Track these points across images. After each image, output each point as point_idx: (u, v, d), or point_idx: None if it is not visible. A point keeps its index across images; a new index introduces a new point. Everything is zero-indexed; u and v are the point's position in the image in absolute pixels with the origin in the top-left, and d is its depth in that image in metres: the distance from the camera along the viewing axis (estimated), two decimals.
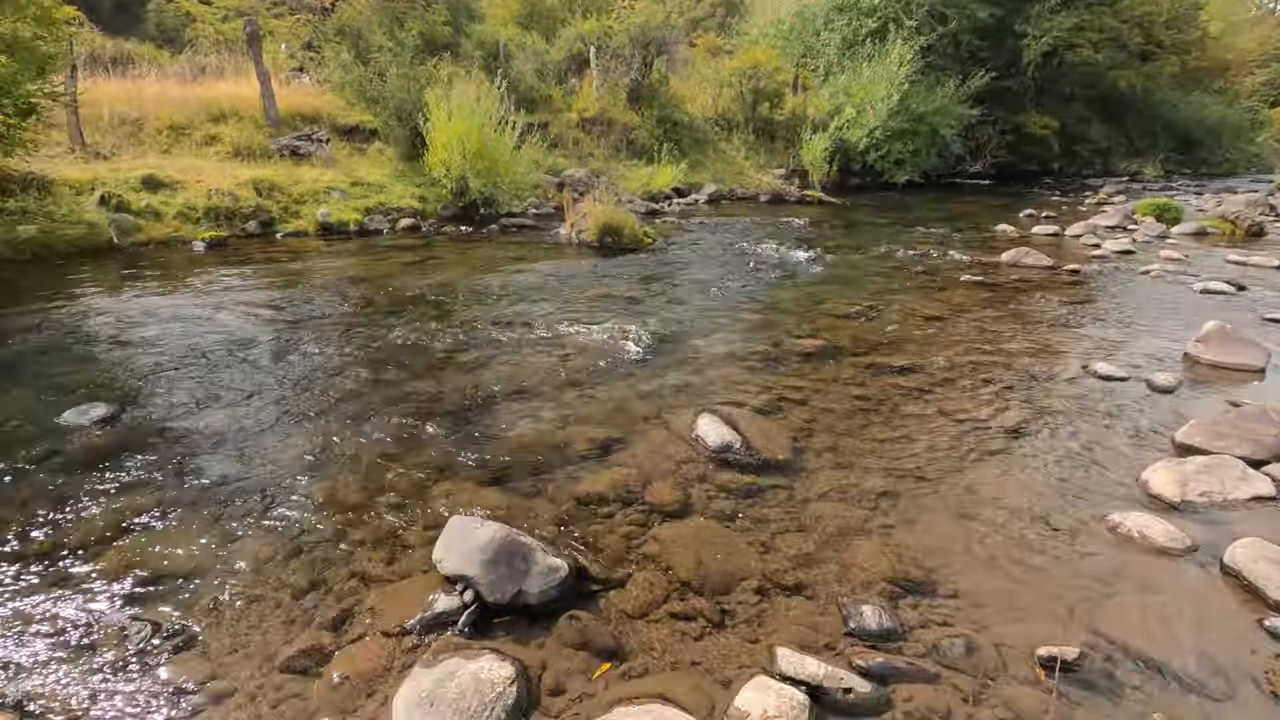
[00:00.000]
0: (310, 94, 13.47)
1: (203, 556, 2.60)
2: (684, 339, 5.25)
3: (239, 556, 2.60)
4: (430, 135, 10.36)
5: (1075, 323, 5.87)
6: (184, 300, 5.96)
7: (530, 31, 18.04)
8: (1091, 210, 13.48)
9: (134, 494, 2.99)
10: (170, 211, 8.80)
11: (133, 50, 15.80)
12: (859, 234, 10.61)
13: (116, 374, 4.33)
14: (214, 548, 2.65)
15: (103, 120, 10.66)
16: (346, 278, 7.01)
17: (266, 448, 3.43)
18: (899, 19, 17.83)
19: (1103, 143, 23.17)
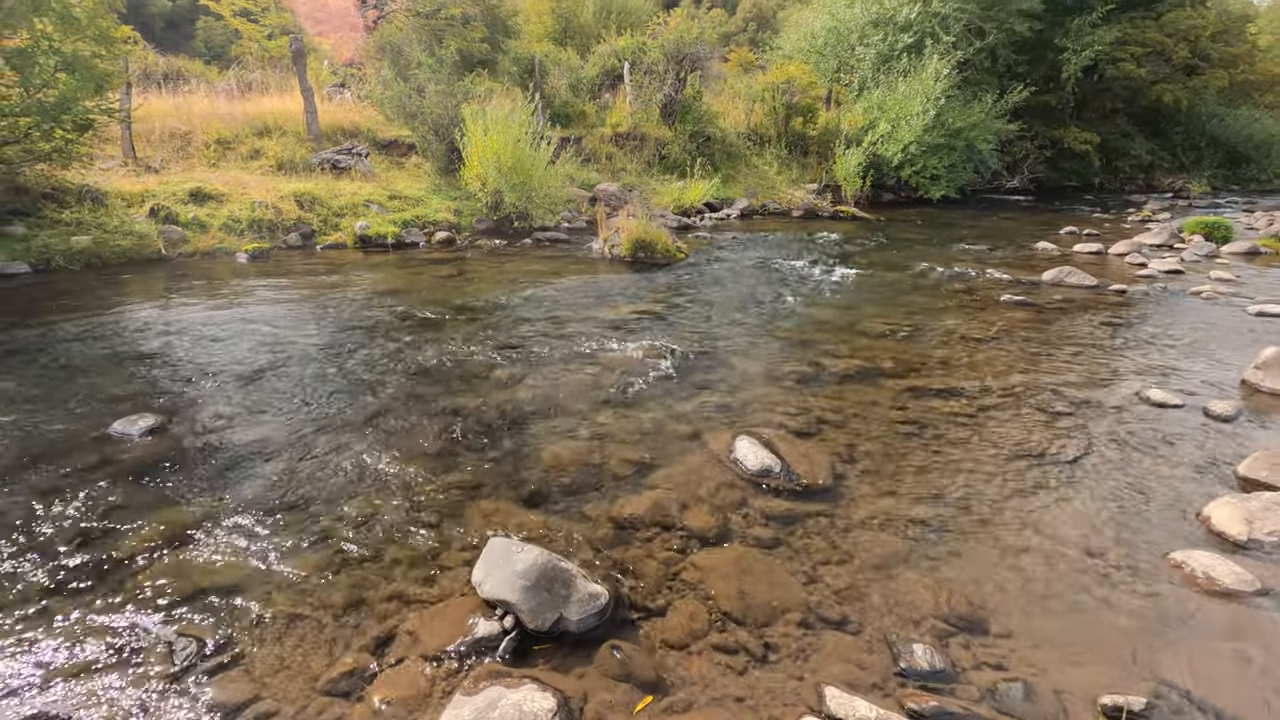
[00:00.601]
0: (351, 109, 13.80)
1: (246, 572, 2.62)
2: (718, 357, 5.20)
3: (281, 573, 2.62)
4: (466, 150, 10.52)
5: (1124, 346, 5.69)
6: (227, 311, 6.10)
7: (565, 48, 18.27)
8: (1135, 228, 13.13)
9: (179, 507, 3.04)
10: (216, 223, 9.05)
11: (183, 67, 16.38)
12: (894, 251, 10.47)
13: (163, 384, 4.43)
14: (256, 563, 2.67)
15: (154, 134, 11.03)
16: (383, 290, 7.11)
17: (306, 462, 3.47)
18: (935, 34, 17.65)
19: (1146, 158, 22.60)
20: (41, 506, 3.00)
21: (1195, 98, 22.06)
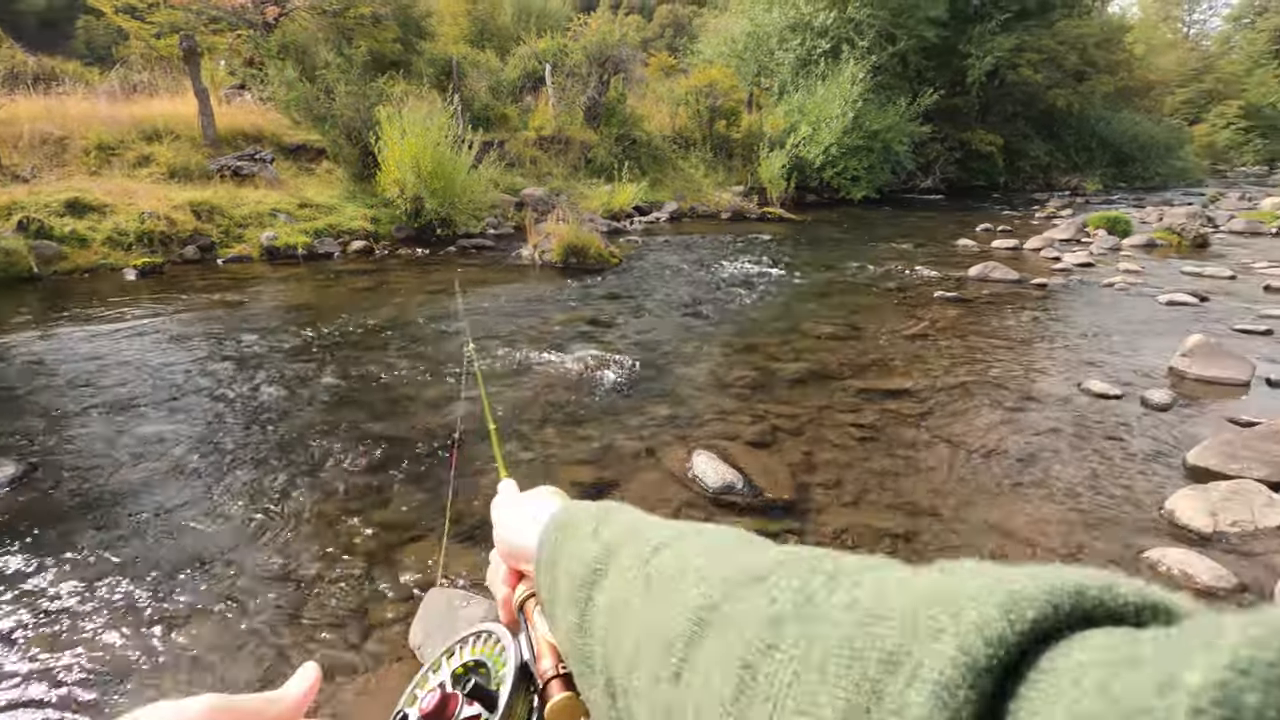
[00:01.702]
0: (253, 112, 12.87)
1: (125, 652, 2.17)
2: (664, 365, 4.97)
3: (175, 647, 2.18)
4: (383, 154, 9.93)
5: (1055, 338, 5.82)
6: (111, 336, 5.41)
7: (483, 50, 17.75)
8: (1043, 224, 13.81)
9: (44, 574, 2.54)
10: (98, 237, 8.15)
11: (57, 67, 14.91)
12: (824, 251, 10.57)
13: (30, 425, 3.82)
14: (142, 637, 2.22)
15: (22, 140, 9.89)
16: (295, 306, 6.53)
17: (205, 509, 3.00)
18: (851, 39, 18.15)
19: (1044, 158, 24.02)
20: None
21: (1085, 102, 23.61)
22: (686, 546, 0.38)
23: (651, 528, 0.42)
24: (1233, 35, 47.80)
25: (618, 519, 0.45)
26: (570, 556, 0.44)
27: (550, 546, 0.47)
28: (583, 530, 0.45)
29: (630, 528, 0.43)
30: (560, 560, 0.45)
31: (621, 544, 0.41)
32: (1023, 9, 21.38)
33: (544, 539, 0.48)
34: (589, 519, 0.46)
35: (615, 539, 0.42)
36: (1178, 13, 51.36)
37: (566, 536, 0.46)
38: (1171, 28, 49.64)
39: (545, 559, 0.47)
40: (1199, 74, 40.19)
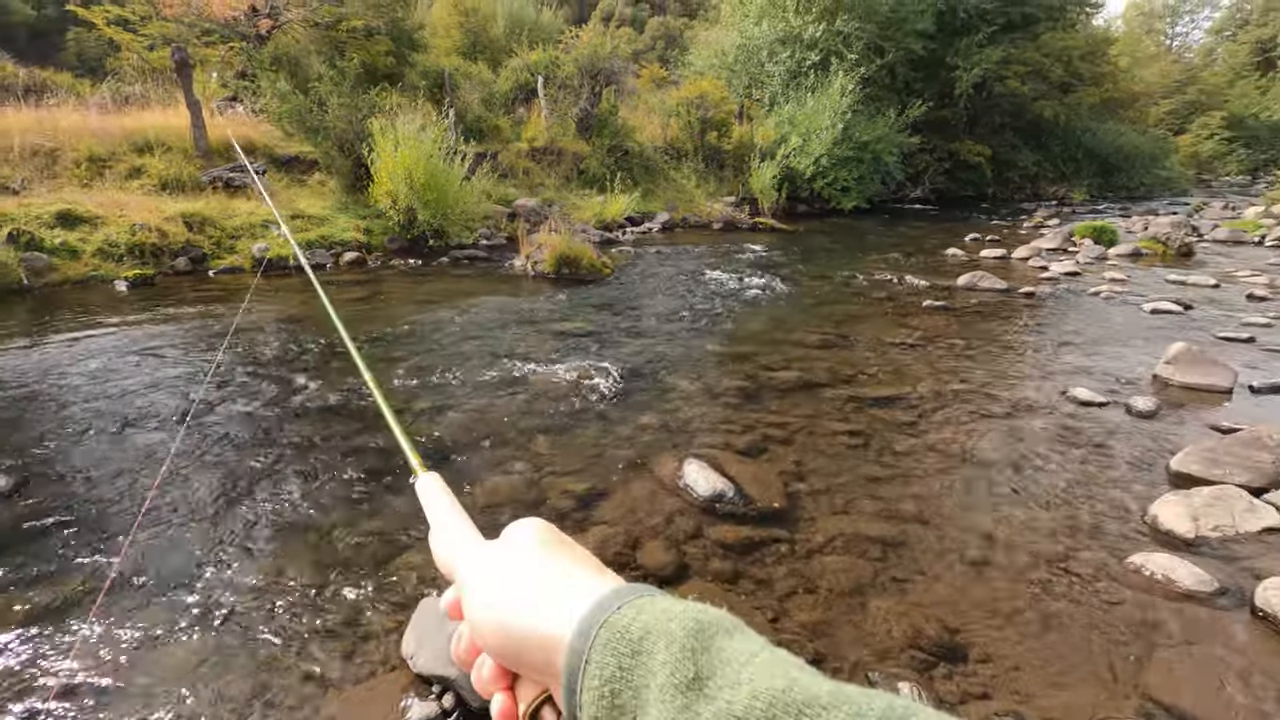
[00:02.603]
0: (245, 124, 12.88)
1: (120, 665, 2.17)
2: (655, 375, 5.00)
3: (166, 662, 2.18)
4: (375, 166, 9.96)
5: (1041, 346, 5.89)
6: (102, 348, 5.40)
7: (476, 62, 17.85)
8: (1031, 233, 13.97)
9: (34, 588, 2.53)
10: (89, 249, 8.13)
11: (48, 79, 14.91)
12: (815, 260, 10.65)
13: (20, 439, 3.80)
14: (135, 653, 2.23)
15: (12, 152, 9.87)
16: (286, 318, 6.53)
17: (196, 523, 3.00)
18: (840, 52, 18.36)
19: (1032, 169, 24.30)
20: None
21: (1071, 113, 23.94)
22: None
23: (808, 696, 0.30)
24: (1215, 48, 48.65)
25: (729, 656, 0.33)
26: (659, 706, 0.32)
27: (608, 669, 0.34)
28: (676, 669, 0.32)
29: (770, 693, 0.30)
30: (633, 704, 0.33)
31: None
32: (1008, 22, 21.69)
33: (594, 650, 0.35)
34: (681, 642, 0.33)
35: (744, 707, 0.30)
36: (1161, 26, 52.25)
37: (643, 665, 0.34)
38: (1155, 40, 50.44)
39: (597, 682, 0.34)
40: (1182, 85, 40.83)
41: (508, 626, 0.41)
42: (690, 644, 0.33)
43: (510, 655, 0.41)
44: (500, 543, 0.47)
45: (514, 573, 0.43)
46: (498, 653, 0.42)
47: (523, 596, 0.41)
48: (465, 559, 0.49)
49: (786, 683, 0.30)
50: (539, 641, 0.39)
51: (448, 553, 0.52)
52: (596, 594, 0.38)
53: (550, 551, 0.44)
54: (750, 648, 0.33)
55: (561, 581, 0.41)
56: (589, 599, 0.38)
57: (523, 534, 0.46)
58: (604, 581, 0.41)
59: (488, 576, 0.44)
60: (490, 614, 0.42)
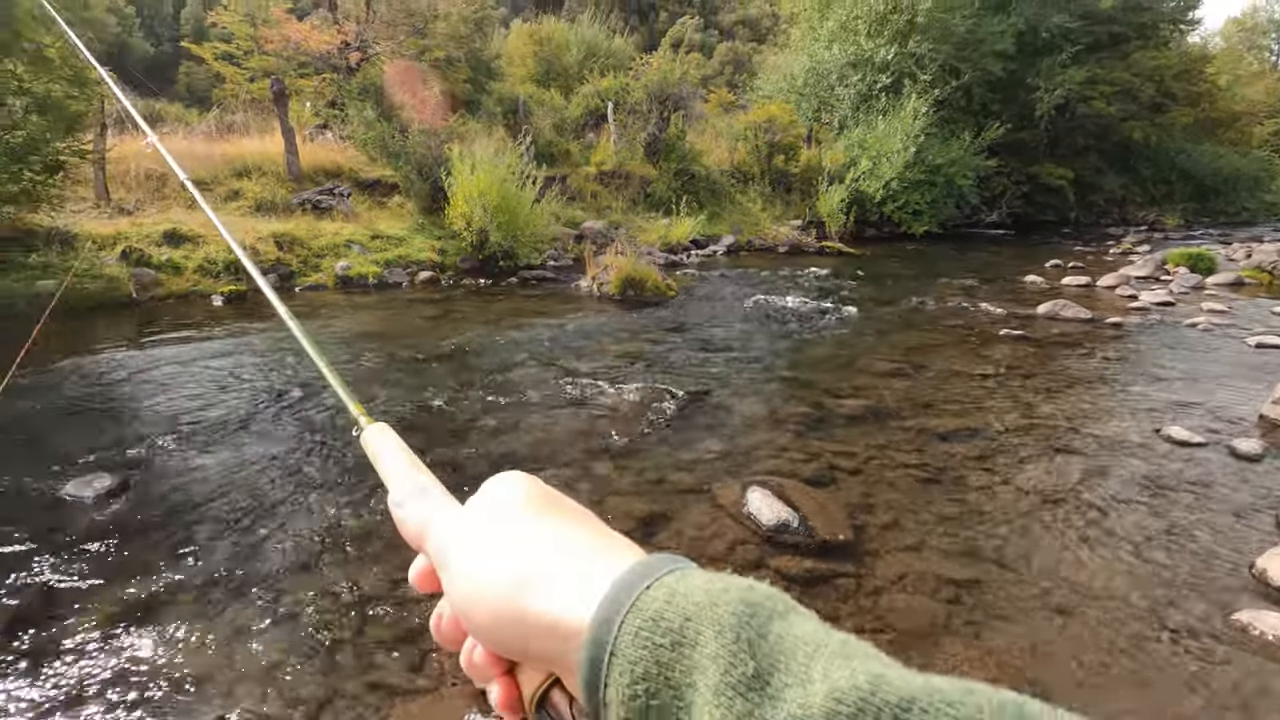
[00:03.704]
0: (333, 149, 13.66)
1: (206, 660, 2.29)
2: (719, 399, 4.97)
3: (246, 662, 2.29)
4: (451, 189, 10.37)
5: (1131, 380, 5.55)
6: (198, 358, 5.78)
7: (548, 89, 18.41)
8: (1118, 260, 13.25)
9: (133, 580, 2.71)
10: (190, 265, 8.75)
11: (162, 109, 16.22)
12: (883, 286, 10.40)
13: (124, 440, 4.10)
14: (219, 648, 2.35)
15: (129, 176, 10.77)
16: (364, 333, 6.83)
17: (277, 526, 3.15)
18: (913, 74, 18.04)
19: (1119, 192, 23.12)
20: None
21: (1163, 134, 22.70)
22: None
23: (889, 685, 0.24)
24: None
25: (791, 646, 0.27)
26: (711, 699, 0.26)
27: (641, 665, 0.28)
28: (732, 666, 0.27)
29: (855, 693, 0.24)
30: (675, 706, 0.28)
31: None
32: (1095, 41, 20.85)
33: (622, 641, 0.29)
34: (732, 630, 0.28)
35: (823, 711, 0.24)
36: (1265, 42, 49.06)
37: (686, 660, 0.28)
38: (1258, 57, 47.36)
39: (628, 680, 0.28)
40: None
41: (505, 610, 0.34)
42: (744, 633, 0.27)
43: (508, 643, 0.35)
44: (481, 504, 0.39)
45: (506, 541, 0.36)
46: (492, 640, 0.35)
47: (521, 572, 0.34)
48: (440, 525, 0.41)
49: (870, 679, 0.25)
50: (547, 628, 0.32)
51: (416, 517, 0.43)
52: (616, 568, 0.32)
53: (546, 513, 0.37)
54: (814, 634, 0.28)
55: (567, 551, 0.35)
56: (608, 574, 0.32)
57: (507, 491, 0.39)
58: (619, 550, 0.35)
59: (473, 546, 0.37)
60: (480, 595, 0.35)
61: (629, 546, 0.35)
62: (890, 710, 0.24)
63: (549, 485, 0.40)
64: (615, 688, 0.29)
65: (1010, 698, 0.23)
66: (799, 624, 0.28)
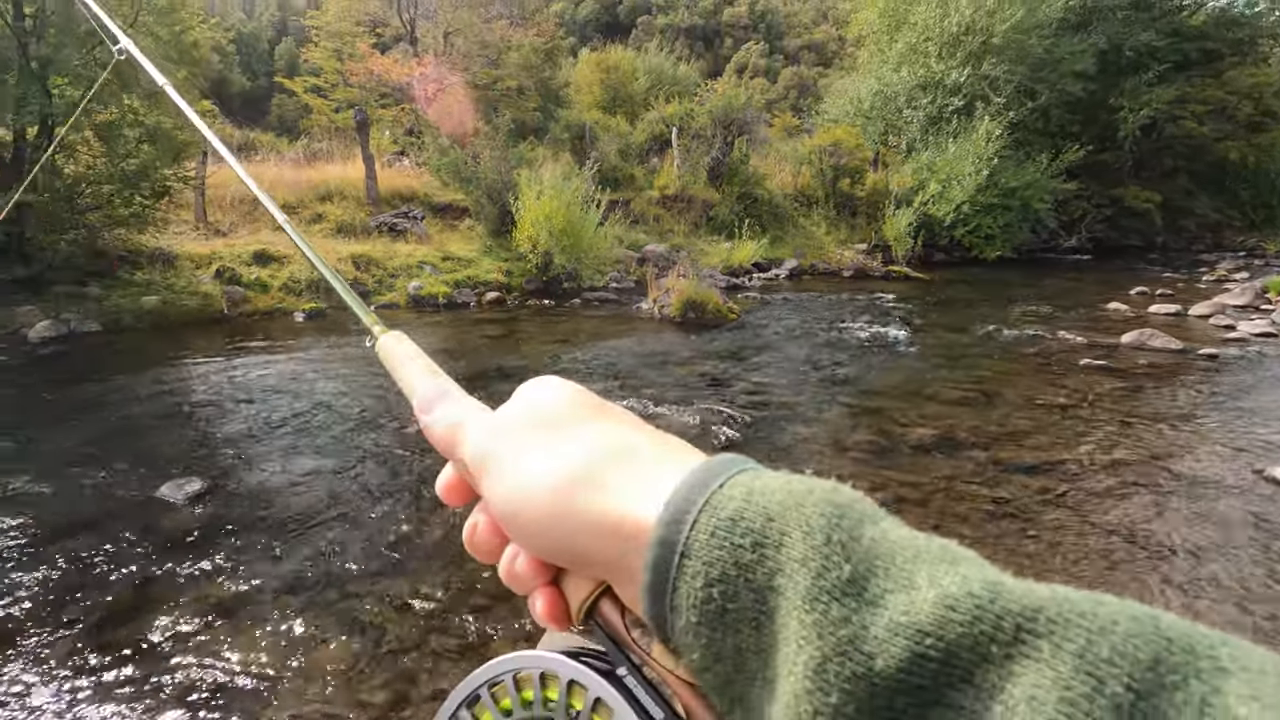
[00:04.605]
0: (409, 175, 14.33)
1: (282, 660, 2.40)
2: (780, 423, 4.91)
3: (320, 663, 2.39)
4: (519, 213, 10.70)
5: (1227, 416, 5.18)
6: (281, 371, 6.11)
7: (614, 115, 18.83)
8: (1212, 288, 12.44)
9: (218, 581, 2.87)
10: (276, 284, 9.29)
11: (256, 138, 17.39)
12: (953, 311, 10.09)
13: (213, 446, 4.37)
14: (295, 649, 2.46)
15: (225, 200, 11.57)
16: (434, 351, 7.02)
17: (349, 534, 3.28)
18: (986, 96, 17.58)
19: (1213, 216, 21.76)
20: (78, 575, 2.87)
21: (1263, 155, 21.30)
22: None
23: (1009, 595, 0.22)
24: None
25: (888, 550, 0.24)
26: (816, 609, 0.24)
27: (717, 567, 0.26)
28: (825, 569, 0.24)
29: (971, 600, 0.22)
30: (755, 611, 0.25)
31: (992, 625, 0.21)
32: (1184, 59, 19.85)
33: (695, 542, 0.27)
34: (822, 532, 0.25)
35: (933, 618, 0.22)
36: None
37: (770, 563, 0.25)
38: None
39: (701, 583, 0.26)
40: None
41: (557, 510, 0.31)
42: (835, 535, 0.25)
43: (559, 548, 0.32)
44: (525, 405, 0.36)
45: (558, 440, 0.33)
46: (541, 545, 0.33)
47: (576, 470, 0.31)
48: (478, 427, 0.38)
49: (987, 585, 0.22)
50: (605, 529, 0.30)
51: (447, 421, 0.40)
52: (682, 466, 0.30)
53: (599, 414, 0.35)
54: (912, 538, 0.25)
55: (625, 450, 0.32)
56: (673, 473, 0.29)
57: (553, 393, 0.36)
58: (681, 450, 0.32)
59: (520, 445, 0.34)
60: (529, 495, 0.32)
61: (691, 449, 0.33)
62: (1012, 619, 0.21)
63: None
64: (685, 591, 0.27)
65: (1145, 610, 0.21)
66: (892, 529, 0.26)
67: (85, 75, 7.92)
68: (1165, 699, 0.19)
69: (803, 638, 0.24)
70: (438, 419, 0.41)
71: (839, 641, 0.23)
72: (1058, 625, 0.20)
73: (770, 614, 0.25)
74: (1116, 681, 0.19)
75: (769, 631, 0.25)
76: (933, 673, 0.21)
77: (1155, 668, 0.19)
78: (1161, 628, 0.20)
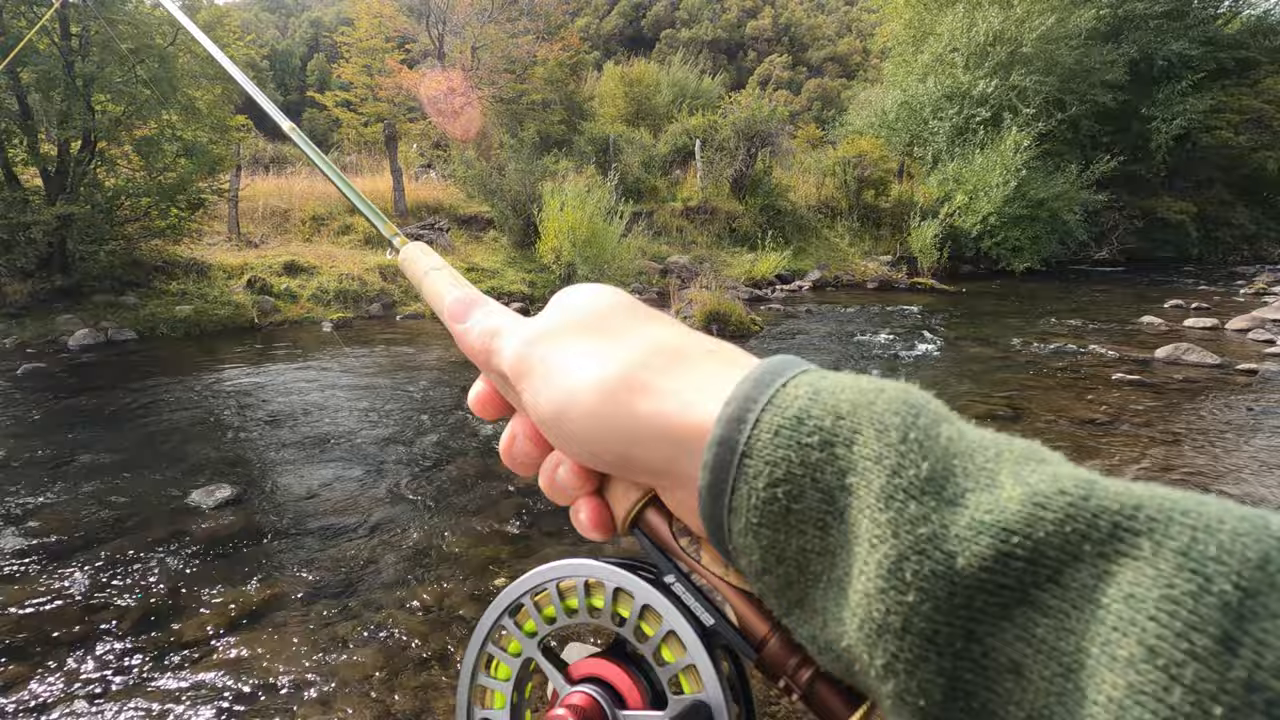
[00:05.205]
0: (435, 187, 14.55)
1: (307, 666, 2.42)
2: None
3: (344, 670, 2.41)
4: (543, 224, 10.79)
5: (1270, 433, 5.03)
6: (309, 379, 6.21)
7: (638, 128, 18.96)
8: (1251, 301, 12.11)
9: (246, 586, 2.91)
10: (305, 294, 9.47)
11: (288, 152, 17.78)
12: (980, 324, 9.94)
13: (242, 453, 4.44)
14: (319, 656, 2.48)
15: (257, 212, 11.85)
16: (459, 361, 7.14)
17: (374, 542, 3.31)
18: (1014, 107, 17.40)
19: (1250, 228, 21.23)
20: (111, 580, 2.93)
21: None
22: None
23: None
24: None
25: (965, 449, 0.24)
26: (913, 500, 0.23)
27: (782, 466, 0.25)
28: (901, 466, 0.23)
29: (1062, 498, 0.21)
30: (822, 511, 0.24)
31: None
32: (1219, 68, 19.48)
33: (758, 440, 0.25)
34: (896, 430, 0.24)
35: (1020, 517, 0.21)
36: None
37: (841, 461, 0.24)
38: None
39: (763, 483, 0.25)
40: None
41: (607, 413, 0.30)
42: (911, 432, 0.24)
43: (607, 453, 0.31)
44: (567, 309, 0.35)
45: (603, 343, 0.32)
46: (588, 451, 0.31)
47: (627, 371, 0.30)
48: (516, 332, 0.36)
49: (1079, 483, 0.21)
50: (659, 431, 0.28)
51: (481, 327, 0.38)
52: (739, 367, 0.29)
53: (643, 317, 0.33)
54: (992, 438, 0.24)
55: (678, 351, 0.31)
56: (731, 373, 0.28)
57: (592, 298, 0.35)
58: (736, 353, 0.31)
59: (562, 350, 0.32)
60: (576, 398, 0.30)
61: (744, 353, 0.31)
62: (1109, 517, 0.20)
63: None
64: (747, 491, 0.26)
65: (1252, 510, 0.20)
66: (970, 430, 0.25)
67: (126, 92, 8.18)
68: (1276, 598, 0.18)
69: (876, 537, 0.23)
70: (472, 326, 0.39)
71: (917, 540, 0.22)
72: (1159, 523, 0.20)
73: (839, 514, 0.24)
74: (1224, 579, 0.18)
75: (836, 532, 0.24)
76: (1018, 572, 0.21)
77: (1265, 566, 0.18)
78: (1272, 528, 0.19)
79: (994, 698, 0.21)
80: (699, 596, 0.30)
